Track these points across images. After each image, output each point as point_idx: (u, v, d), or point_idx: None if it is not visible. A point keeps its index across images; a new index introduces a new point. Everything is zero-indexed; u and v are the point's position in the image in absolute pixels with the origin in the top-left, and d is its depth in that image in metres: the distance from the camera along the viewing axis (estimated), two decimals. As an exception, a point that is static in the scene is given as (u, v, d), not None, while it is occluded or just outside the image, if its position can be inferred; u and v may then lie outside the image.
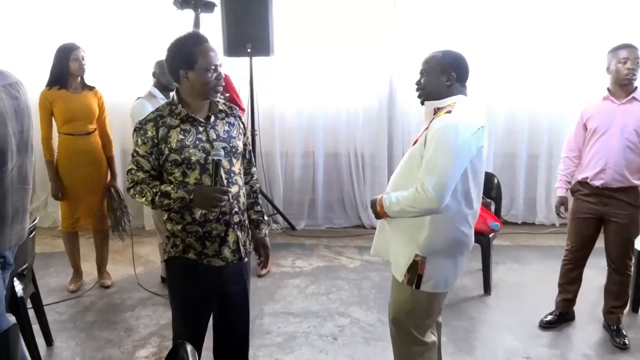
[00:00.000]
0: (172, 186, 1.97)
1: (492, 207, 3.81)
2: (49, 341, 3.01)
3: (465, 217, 2.05)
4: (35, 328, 2.87)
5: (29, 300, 2.85)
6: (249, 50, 4.29)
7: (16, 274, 2.61)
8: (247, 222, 2.18)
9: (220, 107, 2.10)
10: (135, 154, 2.01)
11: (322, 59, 4.78)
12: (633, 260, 3.11)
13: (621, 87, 2.88)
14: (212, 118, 2.06)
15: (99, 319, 3.34)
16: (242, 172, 2.15)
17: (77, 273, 3.78)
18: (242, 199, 2.12)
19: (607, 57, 2.93)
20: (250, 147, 2.28)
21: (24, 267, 2.70)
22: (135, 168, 2.01)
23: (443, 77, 2.05)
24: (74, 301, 3.55)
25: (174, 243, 2.07)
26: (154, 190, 1.97)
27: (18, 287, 2.67)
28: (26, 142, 2.02)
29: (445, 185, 1.91)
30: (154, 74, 3.54)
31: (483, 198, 3.65)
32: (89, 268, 3.93)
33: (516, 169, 4.96)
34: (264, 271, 3.83)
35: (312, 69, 4.82)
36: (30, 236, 2.81)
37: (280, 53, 4.54)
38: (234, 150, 2.07)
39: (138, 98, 3.48)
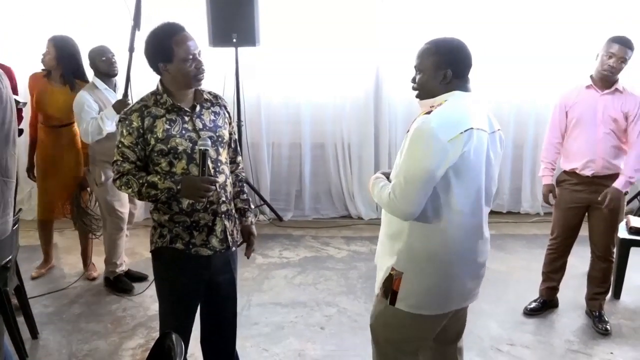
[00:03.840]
0: (158, 177, 1.96)
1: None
2: (34, 334, 2.98)
3: (447, 230, 1.77)
4: (20, 321, 2.85)
5: (13, 293, 2.83)
6: (234, 40, 4.27)
7: (0, 267, 2.58)
8: (234, 211, 2.18)
9: (205, 96, 2.08)
10: (120, 145, 1.99)
11: (309, 50, 4.75)
12: (616, 248, 3.16)
13: (599, 78, 2.91)
14: (198, 107, 2.04)
15: (85, 311, 3.32)
16: (228, 161, 2.15)
17: (47, 260, 3.83)
18: (229, 188, 2.12)
19: (604, 44, 2.89)
20: (236, 136, 2.27)
21: (8, 259, 2.67)
22: (121, 159, 1.99)
23: (438, 75, 1.77)
24: (59, 293, 3.52)
25: (161, 233, 2.06)
26: (141, 182, 1.96)
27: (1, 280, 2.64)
28: (7, 134, 1.99)
29: (414, 195, 1.70)
30: (90, 65, 3.44)
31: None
32: (75, 260, 3.91)
33: (502, 158, 4.93)
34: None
35: (299, 60, 4.79)
36: (14, 228, 2.78)
37: (266, 43, 4.52)
38: (220, 139, 2.06)
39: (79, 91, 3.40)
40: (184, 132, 1.98)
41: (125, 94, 3.36)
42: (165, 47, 1.92)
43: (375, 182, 1.91)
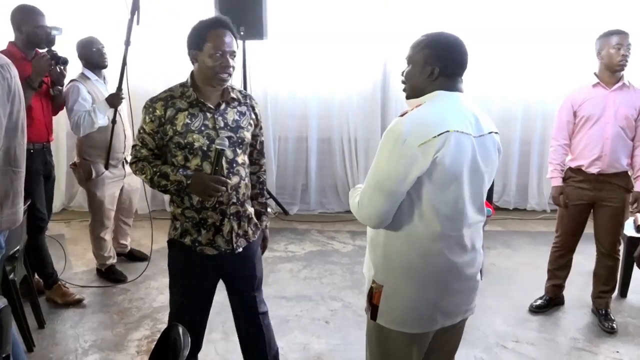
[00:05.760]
0: (172, 168, 1.97)
1: (485, 193, 3.82)
2: (41, 324, 3.01)
3: (423, 241, 1.62)
4: (27, 310, 2.87)
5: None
6: (242, 33, 4.25)
7: (8, 257, 2.60)
8: (247, 212, 2.14)
9: (233, 95, 2.06)
10: (141, 131, 2.01)
11: (316, 43, 4.75)
12: (622, 245, 3.15)
13: (612, 73, 2.89)
14: (223, 105, 2.02)
15: (91, 301, 3.34)
16: (246, 163, 2.10)
17: None
18: (243, 190, 2.08)
19: (597, 43, 2.92)
20: (262, 138, 2.23)
21: (16, 249, 2.69)
22: (140, 145, 2.03)
23: (425, 70, 1.64)
24: (66, 284, 3.54)
25: (175, 226, 2.09)
26: (154, 170, 1.98)
27: (9, 269, 2.66)
28: (15, 124, 1.99)
29: (380, 202, 1.58)
30: (79, 56, 3.40)
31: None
32: (80, 252, 3.93)
33: (509, 155, 4.98)
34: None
35: (306, 53, 4.78)
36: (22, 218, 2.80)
37: (273, 37, 4.50)
38: (240, 140, 2.03)
39: (71, 81, 3.33)
40: (203, 128, 1.97)
41: (120, 88, 3.32)
42: (201, 35, 1.92)
43: (352, 192, 1.80)
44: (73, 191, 5.07)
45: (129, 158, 3.55)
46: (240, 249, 2.12)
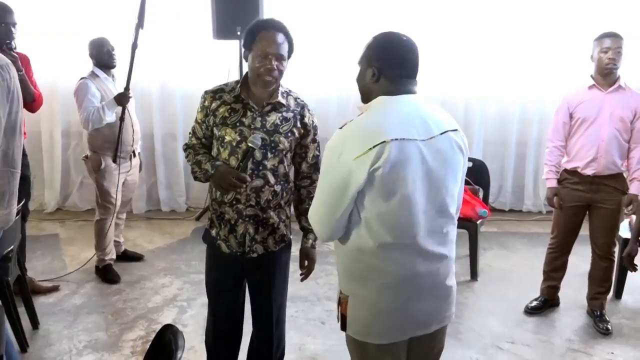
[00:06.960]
0: (207, 157, 2.02)
1: (480, 194, 3.83)
2: (34, 324, 2.99)
3: (378, 251, 1.55)
4: (21, 311, 2.85)
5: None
6: (238, 33, 4.25)
7: (1, 257, 2.58)
8: (271, 221, 2.09)
9: (283, 101, 2.01)
10: (195, 119, 2.08)
11: (313, 43, 4.73)
12: (617, 247, 3.15)
13: (603, 76, 2.91)
14: (268, 107, 1.99)
15: (86, 302, 3.33)
16: (279, 172, 2.03)
17: None
18: (267, 196, 2.02)
19: (592, 45, 2.94)
20: (317, 152, 2.17)
21: (9, 249, 2.67)
22: (191, 133, 2.11)
23: (368, 72, 1.62)
24: (60, 284, 3.52)
25: (209, 215, 2.14)
26: (194, 158, 2.05)
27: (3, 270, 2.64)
28: (14, 125, 1.99)
29: (325, 214, 1.57)
30: (90, 55, 3.50)
31: (471, 184, 3.76)
32: (75, 252, 3.91)
33: (506, 156, 4.98)
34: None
35: (303, 53, 4.74)
36: (16, 218, 2.78)
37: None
38: (273, 144, 1.98)
39: (81, 78, 3.45)
40: (238, 124, 1.97)
41: (127, 88, 3.42)
42: (253, 35, 1.92)
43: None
44: (68, 191, 5.04)
45: (137, 151, 3.68)
46: (255, 255, 2.09)
